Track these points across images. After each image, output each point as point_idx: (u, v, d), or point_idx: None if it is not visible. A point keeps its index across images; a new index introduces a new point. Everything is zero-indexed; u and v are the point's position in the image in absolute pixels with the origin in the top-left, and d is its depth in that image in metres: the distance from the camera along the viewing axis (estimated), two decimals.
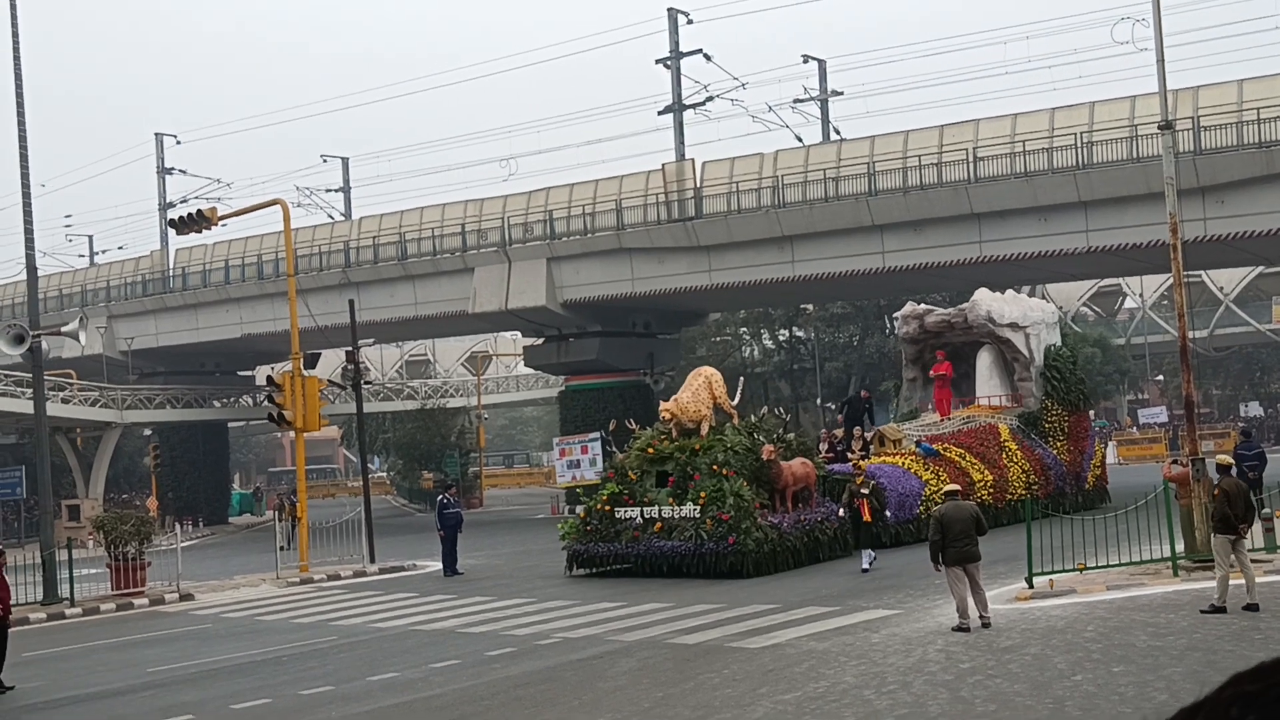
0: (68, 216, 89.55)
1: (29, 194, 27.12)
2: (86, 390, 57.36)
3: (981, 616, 15.33)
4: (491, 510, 57.47)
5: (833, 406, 62.31)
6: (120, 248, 79.76)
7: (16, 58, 26.58)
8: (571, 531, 25.09)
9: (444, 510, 28.79)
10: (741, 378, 31.11)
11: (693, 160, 48.16)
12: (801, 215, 43.27)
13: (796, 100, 53.64)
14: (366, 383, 40.49)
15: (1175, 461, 22.39)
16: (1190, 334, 23.30)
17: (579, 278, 48.52)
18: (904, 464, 27.39)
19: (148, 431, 65.80)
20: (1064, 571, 18.83)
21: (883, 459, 27.68)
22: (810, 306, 65.40)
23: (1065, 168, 38.76)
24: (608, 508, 24.39)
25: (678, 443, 24.81)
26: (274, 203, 33.75)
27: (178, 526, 31.82)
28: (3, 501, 56.05)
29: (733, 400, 26.35)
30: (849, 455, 28.18)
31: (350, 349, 35.27)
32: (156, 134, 65.48)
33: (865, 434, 29.96)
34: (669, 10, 50.68)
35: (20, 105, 26.72)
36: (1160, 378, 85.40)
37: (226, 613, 23.49)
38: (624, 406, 39.43)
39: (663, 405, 25.35)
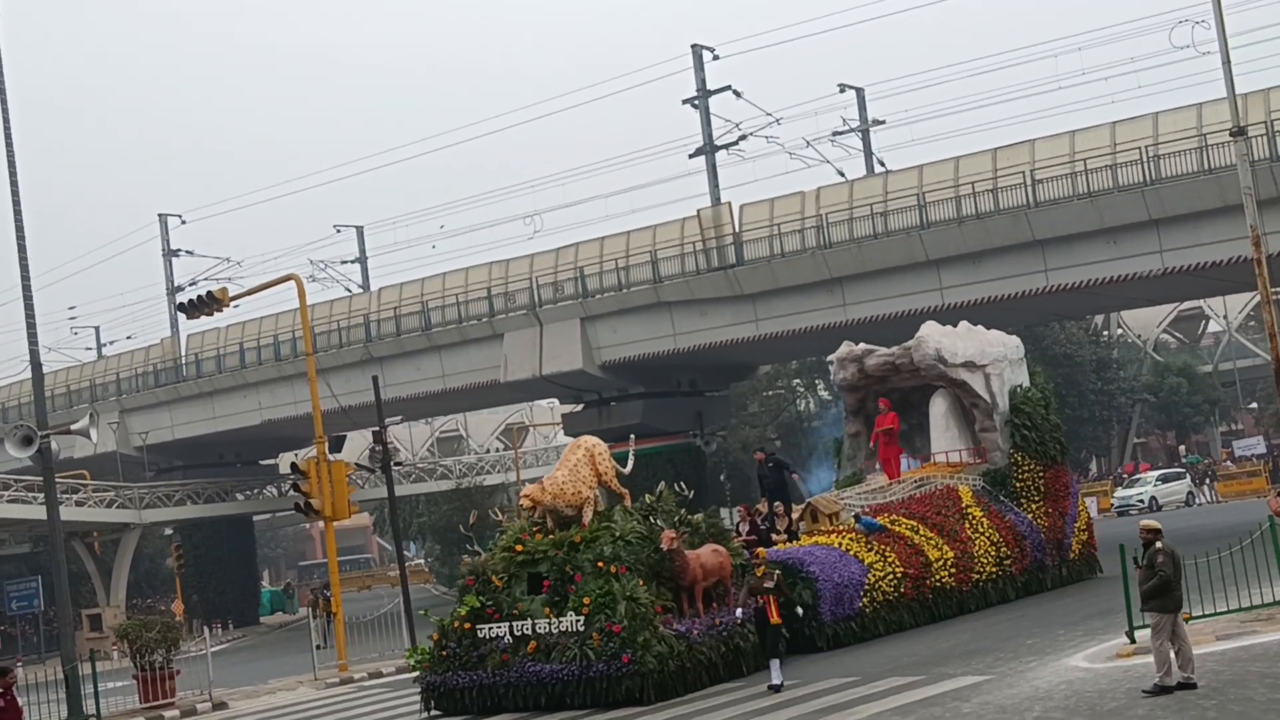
0: (71, 308, 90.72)
1: (29, 286, 27.46)
2: (101, 491, 57.87)
3: (1188, 675, 14.62)
4: None
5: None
6: (129, 337, 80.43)
7: (8, 139, 27.03)
8: (424, 659, 20.77)
9: None
10: (632, 435, 26.84)
11: (729, 204, 48.35)
12: (850, 255, 43.24)
13: (836, 132, 53.87)
14: (397, 464, 40.56)
15: None
16: None
17: (616, 337, 48.63)
18: (841, 544, 23.13)
19: (168, 531, 66.13)
20: None
21: (815, 538, 23.60)
22: None
23: (1132, 185, 38.58)
24: (467, 625, 20.16)
25: (554, 536, 20.67)
26: (288, 279, 34.08)
27: (206, 630, 31.81)
28: (20, 615, 56.41)
29: (624, 468, 22.04)
30: (773, 536, 24.64)
31: (377, 429, 35.35)
32: (160, 214, 66.55)
33: (790, 508, 25.96)
34: (693, 47, 51.10)
35: (15, 195, 27.13)
36: (1254, 405, 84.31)
37: None
38: (675, 472, 39.00)
39: (524, 490, 21.18)
